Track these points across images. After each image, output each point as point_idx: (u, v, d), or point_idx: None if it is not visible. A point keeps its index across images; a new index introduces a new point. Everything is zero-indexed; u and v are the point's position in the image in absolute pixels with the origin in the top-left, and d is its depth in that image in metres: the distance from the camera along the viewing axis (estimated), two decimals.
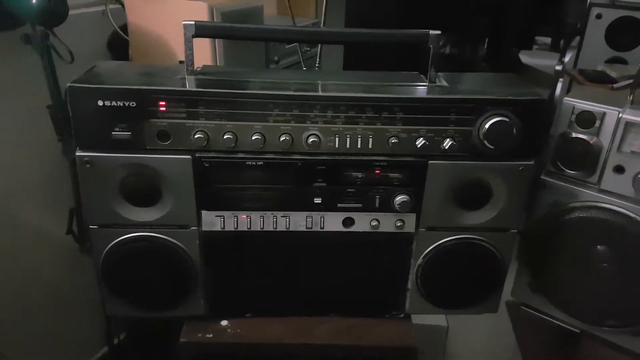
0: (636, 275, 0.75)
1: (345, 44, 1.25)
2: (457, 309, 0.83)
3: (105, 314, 1.18)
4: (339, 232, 0.76)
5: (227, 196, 0.73)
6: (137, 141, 0.68)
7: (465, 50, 3.64)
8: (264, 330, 0.80)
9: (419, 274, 0.79)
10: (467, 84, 0.78)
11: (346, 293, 0.82)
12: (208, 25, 0.79)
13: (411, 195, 0.74)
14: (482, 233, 0.76)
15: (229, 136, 0.69)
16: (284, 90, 0.69)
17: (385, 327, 0.82)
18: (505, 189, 0.73)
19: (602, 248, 0.77)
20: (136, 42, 1.02)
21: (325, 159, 0.72)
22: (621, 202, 0.74)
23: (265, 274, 0.80)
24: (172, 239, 0.75)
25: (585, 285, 0.80)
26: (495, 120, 0.69)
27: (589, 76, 1.52)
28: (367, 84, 0.75)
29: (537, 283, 0.85)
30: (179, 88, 0.68)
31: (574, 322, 0.84)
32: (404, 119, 0.70)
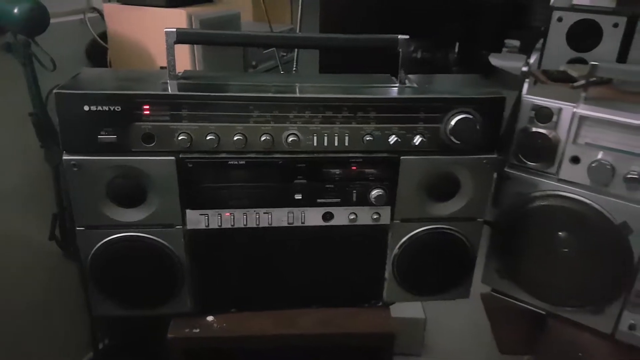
0: (594, 259, 0.81)
1: (319, 49, 1.30)
2: (432, 295, 0.88)
3: (91, 319, 1.21)
4: (319, 226, 0.80)
5: (210, 195, 0.77)
6: (123, 144, 0.71)
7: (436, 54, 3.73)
8: (249, 324, 0.84)
9: (395, 264, 0.84)
10: (434, 85, 0.83)
11: (327, 285, 0.86)
12: (189, 32, 0.83)
13: (386, 189, 0.78)
14: (452, 223, 0.82)
15: (212, 137, 0.72)
16: (263, 92, 0.73)
17: (364, 316, 0.86)
18: (471, 180, 0.79)
19: (563, 234, 0.83)
20: (116, 49, 1.04)
21: (304, 157, 0.76)
22: (578, 190, 0.80)
23: (249, 270, 0.84)
24: (157, 238, 0.77)
25: (549, 270, 0.86)
26: (460, 117, 0.74)
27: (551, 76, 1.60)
28: (342, 85, 0.79)
29: (505, 269, 0.91)
30: (162, 92, 0.71)
31: (540, 304, 0.90)
32: (377, 118, 0.75)
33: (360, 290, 0.87)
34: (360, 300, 0.88)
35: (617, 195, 0.78)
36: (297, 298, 0.87)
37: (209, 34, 0.79)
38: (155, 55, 1.01)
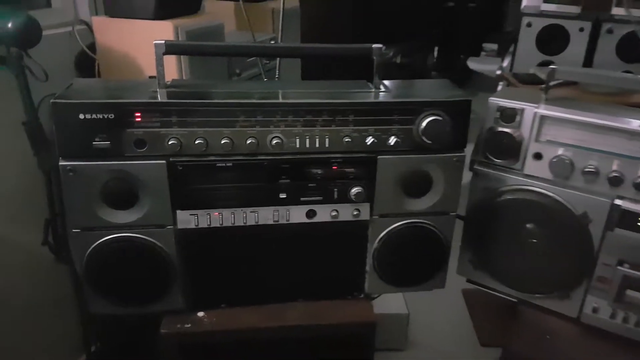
0: (558, 248, 0.88)
1: (299, 57, 1.36)
2: (411, 286, 0.94)
3: (83, 323, 1.24)
4: (303, 223, 0.86)
5: (200, 196, 0.81)
6: (116, 149, 0.75)
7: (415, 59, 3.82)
8: (238, 318, 0.88)
9: (375, 257, 0.89)
10: (407, 89, 0.89)
11: (312, 279, 0.91)
12: (177, 44, 0.88)
13: (365, 186, 0.84)
14: (427, 217, 0.87)
15: (200, 141, 0.77)
16: (249, 98, 0.78)
17: (347, 307, 0.91)
18: (443, 177, 0.85)
19: (530, 225, 0.90)
20: (105, 60, 1.09)
21: (288, 158, 0.81)
22: (541, 184, 0.87)
23: (237, 267, 0.88)
24: (150, 238, 0.82)
25: (518, 259, 0.92)
26: (430, 119, 0.80)
27: (521, 79, 1.70)
28: (322, 91, 0.85)
29: (478, 260, 0.97)
30: (152, 100, 0.76)
31: (512, 293, 0.96)
32: (354, 121, 0.81)
33: (343, 284, 0.93)
34: (343, 292, 0.93)
35: (576, 188, 0.85)
36: (283, 292, 0.92)
37: (196, 46, 0.84)
38: (143, 65, 1.06)
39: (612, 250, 0.84)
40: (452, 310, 1.78)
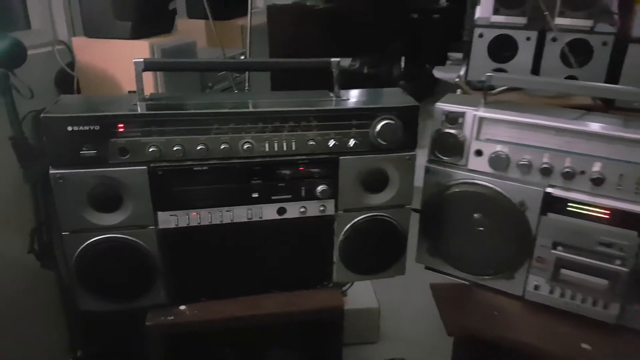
0: (501, 234, 0.99)
1: (265, 71, 1.45)
2: (374, 274, 1.03)
3: (68, 328, 1.29)
4: (274, 219, 0.95)
5: (179, 198, 0.89)
6: (101, 157, 0.83)
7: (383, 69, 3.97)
8: (217, 309, 0.96)
9: (341, 248, 0.99)
10: (363, 97, 0.99)
11: (284, 271, 1.00)
12: (155, 61, 0.97)
13: (329, 184, 0.94)
14: (385, 210, 0.98)
15: (178, 148, 0.86)
16: (221, 108, 0.87)
17: (317, 295, 1.00)
18: (398, 174, 0.95)
19: (477, 215, 1.01)
20: (84, 78, 1.16)
21: (258, 161, 0.90)
22: (483, 177, 0.98)
23: (215, 262, 0.97)
24: (133, 238, 0.89)
25: (468, 246, 1.03)
26: (384, 122, 0.91)
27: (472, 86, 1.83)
28: (288, 100, 0.95)
29: (433, 248, 1.07)
30: (133, 112, 0.85)
31: (464, 276, 1.07)
32: (317, 126, 0.90)
33: (313, 274, 1.02)
34: (313, 282, 1.02)
35: (513, 179, 0.96)
36: (258, 284, 1.00)
37: (172, 63, 0.93)
38: (122, 81, 1.13)
39: (547, 233, 0.96)
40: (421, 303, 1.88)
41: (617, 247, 0.91)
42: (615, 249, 0.91)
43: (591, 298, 0.96)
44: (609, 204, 0.90)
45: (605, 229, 0.91)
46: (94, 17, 1.11)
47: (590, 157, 0.91)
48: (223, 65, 0.96)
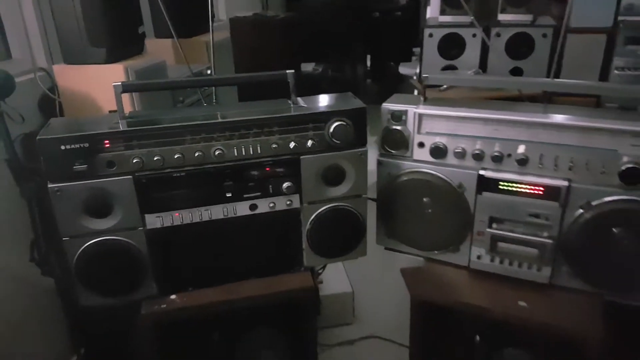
0: (445, 213, 1.14)
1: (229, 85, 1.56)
2: (340, 256, 1.17)
3: (70, 329, 1.40)
4: (247, 215, 1.08)
5: (162, 201, 1.02)
6: (92, 171, 0.96)
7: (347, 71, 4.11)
8: (204, 296, 1.09)
9: (309, 236, 1.13)
10: (318, 103, 1.13)
11: (260, 259, 1.14)
12: (132, 83, 1.09)
13: (293, 181, 1.07)
14: (345, 200, 1.12)
15: (158, 158, 0.99)
16: (193, 121, 1.00)
17: (291, 279, 1.14)
18: (353, 168, 1.10)
19: (425, 199, 1.16)
20: (67, 101, 1.27)
21: (229, 164, 1.03)
22: (426, 165, 1.13)
23: (198, 255, 1.09)
24: (125, 239, 1.02)
25: (419, 226, 1.18)
26: (337, 124, 1.05)
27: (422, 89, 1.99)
28: (252, 110, 1.07)
29: (390, 231, 1.22)
30: (117, 130, 0.97)
31: (418, 252, 1.22)
32: (279, 131, 1.04)
33: (286, 261, 1.15)
34: (286, 268, 1.16)
35: (451, 165, 1.12)
36: (238, 273, 1.13)
37: (146, 84, 1.06)
38: (101, 102, 1.25)
39: (483, 210, 1.11)
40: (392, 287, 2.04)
41: (543, 217, 1.07)
42: (542, 218, 1.07)
43: (526, 264, 1.12)
44: (533, 180, 1.06)
45: (532, 202, 1.07)
46: (70, 45, 1.22)
47: (515, 142, 1.07)
48: (191, 83, 1.09)
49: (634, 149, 0.97)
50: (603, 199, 1.00)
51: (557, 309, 1.07)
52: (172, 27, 1.15)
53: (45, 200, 1.20)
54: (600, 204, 1.00)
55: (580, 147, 1.01)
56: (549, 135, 1.03)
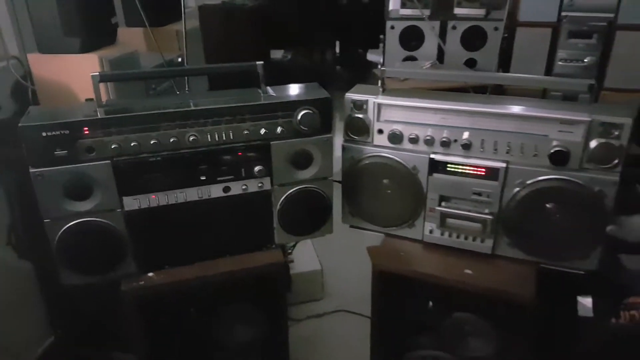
0: (402, 193, 1.26)
1: (202, 75, 1.62)
2: (308, 234, 1.28)
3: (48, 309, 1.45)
4: (221, 197, 1.16)
5: (139, 184, 1.09)
6: (72, 156, 1.02)
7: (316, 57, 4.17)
8: (180, 274, 1.17)
9: (279, 216, 1.22)
10: (286, 92, 1.21)
11: (233, 238, 1.22)
12: (109, 74, 1.15)
13: (264, 165, 1.16)
14: (312, 182, 1.22)
15: (135, 144, 1.05)
16: (168, 109, 1.07)
17: (263, 255, 1.24)
18: (319, 153, 1.19)
19: (385, 180, 1.27)
20: (42, 89, 1.31)
21: (203, 149, 1.11)
22: (385, 150, 1.24)
23: (174, 235, 1.17)
24: (104, 220, 1.08)
25: (380, 205, 1.29)
26: (304, 112, 1.14)
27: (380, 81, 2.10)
28: (224, 98, 1.15)
29: (354, 210, 1.33)
30: (95, 117, 1.03)
31: (378, 229, 1.34)
32: (250, 118, 1.12)
33: (258, 239, 1.25)
34: (259, 246, 1.25)
35: (407, 150, 1.23)
36: (213, 251, 1.22)
37: (123, 74, 1.12)
38: (76, 91, 1.29)
39: (434, 189, 1.23)
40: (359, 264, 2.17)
41: (485, 194, 1.20)
42: (484, 196, 1.20)
43: (471, 237, 1.25)
44: (476, 162, 1.19)
45: (475, 182, 1.20)
46: (45, 35, 1.25)
47: (460, 129, 1.19)
48: (165, 73, 1.15)
49: (561, 134, 1.11)
50: (536, 178, 1.14)
51: (498, 275, 1.21)
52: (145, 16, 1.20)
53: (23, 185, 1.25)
54: (533, 183, 1.14)
55: (516, 133, 1.14)
56: (489, 123, 1.16)
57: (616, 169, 1.08)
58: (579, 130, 1.08)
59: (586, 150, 1.09)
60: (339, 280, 2.07)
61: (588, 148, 1.08)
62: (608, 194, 1.09)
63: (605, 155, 1.08)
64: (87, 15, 1.27)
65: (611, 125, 1.06)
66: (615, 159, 1.07)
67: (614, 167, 1.08)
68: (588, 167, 1.10)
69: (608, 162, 1.08)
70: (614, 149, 1.07)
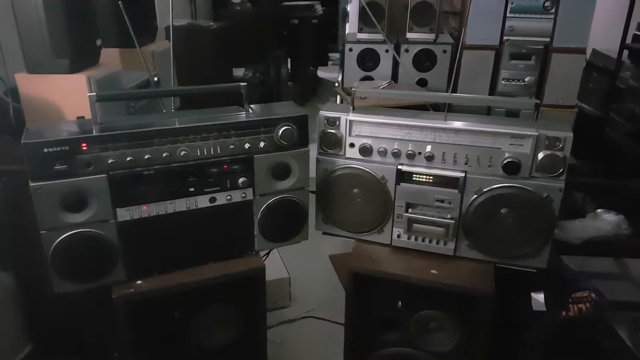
0: (372, 201, 1.39)
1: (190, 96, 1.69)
2: (286, 241, 1.38)
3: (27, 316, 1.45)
4: (208, 207, 1.25)
5: (132, 196, 1.16)
6: (71, 170, 1.08)
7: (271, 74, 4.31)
8: (167, 280, 1.24)
9: (260, 224, 1.32)
10: (267, 110, 1.33)
11: (217, 246, 1.31)
12: (105, 94, 1.22)
13: (247, 177, 1.26)
14: (290, 192, 1.33)
15: (130, 158, 1.13)
16: (160, 126, 1.15)
17: (244, 261, 1.33)
18: (297, 165, 1.31)
19: (356, 190, 1.40)
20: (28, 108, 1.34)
21: (192, 163, 1.20)
22: (356, 162, 1.38)
23: (162, 243, 1.24)
24: (98, 231, 1.14)
25: (351, 212, 1.42)
26: (284, 128, 1.26)
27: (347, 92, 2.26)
28: (210, 116, 1.24)
29: (327, 217, 1.45)
30: (93, 134, 1.10)
31: (349, 235, 1.46)
32: (235, 134, 1.22)
33: (240, 246, 1.34)
34: (240, 252, 1.34)
35: (376, 162, 1.37)
36: (198, 258, 1.30)
37: (118, 94, 1.19)
38: (64, 109, 1.33)
39: (401, 197, 1.38)
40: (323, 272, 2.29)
41: (446, 201, 1.35)
42: (446, 203, 1.36)
43: (435, 240, 1.40)
44: (438, 172, 1.34)
45: (438, 190, 1.35)
46: (34, 55, 1.30)
47: (423, 143, 1.34)
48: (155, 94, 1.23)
49: (513, 147, 1.28)
50: (492, 185, 1.30)
51: (460, 273, 1.35)
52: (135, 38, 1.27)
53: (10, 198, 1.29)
54: (489, 190, 1.31)
55: (473, 146, 1.30)
56: (448, 137, 1.32)
57: (561, 177, 1.26)
58: (527, 144, 1.26)
59: (534, 160, 1.26)
60: (305, 287, 2.17)
61: (536, 159, 1.26)
62: (555, 199, 1.27)
63: (551, 165, 1.25)
64: (75, 37, 1.33)
65: (555, 139, 1.24)
66: (560, 168, 1.25)
67: (559, 175, 1.26)
68: (537, 175, 1.27)
69: (554, 171, 1.26)
70: (558, 160, 1.25)
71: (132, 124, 1.19)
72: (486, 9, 2.31)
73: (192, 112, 1.30)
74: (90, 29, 1.42)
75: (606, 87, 2.76)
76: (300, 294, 2.13)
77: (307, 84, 5.29)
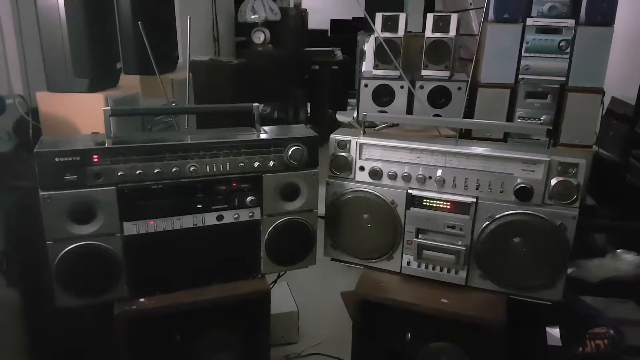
0: (382, 227, 1.37)
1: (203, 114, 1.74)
2: (293, 264, 1.36)
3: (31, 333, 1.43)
4: (214, 225, 1.24)
5: (140, 210, 1.16)
6: (81, 181, 1.09)
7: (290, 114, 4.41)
8: (170, 299, 1.22)
9: (266, 245, 1.30)
10: (277, 131, 1.34)
11: (222, 266, 1.29)
12: (119, 108, 1.25)
13: (256, 196, 1.26)
14: (299, 214, 1.31)
15: (140, 172, 1.14)
16: (172, 141, 1.17)
17: (248, 284, 1.30)
18: (306, 186, 1.30)
19: (366, 215, 1.39)
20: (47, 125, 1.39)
21: (201, 179, 1.20)
22: (366, 186, 1.36)
23: (167, 262, 1.23)
24: (103, 244, 1.14)
25: (360, 238, 1.39)
26: (293, 148, 1.26)
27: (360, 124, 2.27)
28: (222, 134, 1.26)
29: (335, 243, 1.43)
30: (105, 147, 1.12)
31: (358, 262, 1.43)
32: (245, 152, 1.23)
33: (245, 268, 1.32)
34: (246, 274, 1.32)
35: (386, 185, 1.36)
36: (202, 278, 1.28)
37: (133, 109, 1.22)
38: (81, 127, 1.37)
39: (411, 222, 1.35)
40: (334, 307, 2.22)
41: (457, 227, 1.32)
42: (457, 229, 1.32)
43: (446, 268, 1.36)
44: (449, 197, 1.32)
45: (449, 215, 1.33)
46: (56, 75, 1.36)
47: (434, 167, 1.33)
48: (170, 111, 1.26)
49: (524, 172, 1.26)
50: (504, 212, 1.27)
51: (472, 303, 1.30)
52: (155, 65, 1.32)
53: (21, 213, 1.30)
54: (501, 217, 1.27)
55: (484, 171, 1.28)
56: (459, 162, 1.31)
57: (575, 204, 1.23)
58: (539, 169, 1.24)
59: (547, 187, 1.23)
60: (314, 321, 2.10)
61: (549, 185, 1.23)
62: (569, 227, 1.23)
63: (565, 191, 1.22)
64: (96, 58, 1.39)
65: (568, 164, 1.22)
66: (574, 195, 1.22)
67: (572, 202, 1.23)
68: (550, 202, 1.24)
69: (567, 198, 1.23)
70: (572, 187, 1.22)
71: (144, 138, 1.21)
72: (501, 48, 2.34)
73: (204, 131, 1.32)
74: (111, 52, 1.48)
75: (626, 133, 2.73)
76: (309, 329, 2.05)
77: (326, 126, 5.37)
